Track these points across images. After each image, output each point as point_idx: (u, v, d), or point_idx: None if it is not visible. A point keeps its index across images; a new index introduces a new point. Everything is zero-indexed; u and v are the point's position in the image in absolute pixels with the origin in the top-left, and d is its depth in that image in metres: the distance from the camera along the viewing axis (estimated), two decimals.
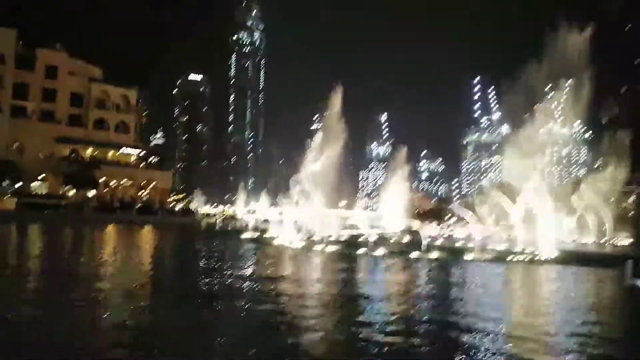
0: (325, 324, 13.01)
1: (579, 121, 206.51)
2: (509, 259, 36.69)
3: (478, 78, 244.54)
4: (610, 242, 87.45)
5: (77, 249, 34.03)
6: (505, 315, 15.93)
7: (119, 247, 36.95)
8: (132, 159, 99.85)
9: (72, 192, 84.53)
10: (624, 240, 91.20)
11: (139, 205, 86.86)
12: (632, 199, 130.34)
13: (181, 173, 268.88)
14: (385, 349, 10.44)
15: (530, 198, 48.91)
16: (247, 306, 14.72)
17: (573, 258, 38.44)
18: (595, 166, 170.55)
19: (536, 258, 37.62)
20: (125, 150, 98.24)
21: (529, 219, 51.26)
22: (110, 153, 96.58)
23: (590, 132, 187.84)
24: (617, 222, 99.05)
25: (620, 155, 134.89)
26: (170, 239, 51.13)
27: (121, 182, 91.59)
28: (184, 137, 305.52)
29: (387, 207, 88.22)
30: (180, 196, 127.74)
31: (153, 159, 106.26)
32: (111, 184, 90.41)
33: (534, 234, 44.71)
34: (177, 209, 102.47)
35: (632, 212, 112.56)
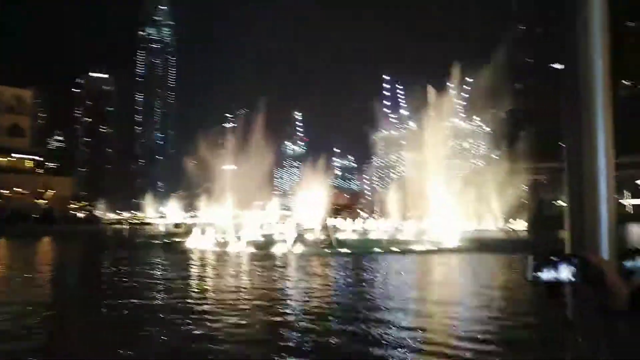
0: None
1: (478, 116, 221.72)
2: (416, 249, 38.61)
3: (388, 76, 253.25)
4: (508, 228, 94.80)
5: None
6: (405, 305, 16.74)
7: (9, 264, 33.74)
8: (28, 164, 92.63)
9: None
10: (520, 226, 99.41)
11: (37, 214, 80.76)
12: (525, 188, 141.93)
13: (84, 178, 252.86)
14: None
15: (432, 190, 51.70)
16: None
17: (475, 246, 41.24)
18: (494, 157, 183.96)
19: (441, 247, 39.95)
20: (19, 155, 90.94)
21: (433, 210, 54.28)
22: (2, 159, 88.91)
23: (488, 126, 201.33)
24: (513, 208, 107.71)
25: (516, 147, 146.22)
26: (70, 252, 47.50)
27: (15, 191, 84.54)
28: (86, 140, 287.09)
29: (303, 204, 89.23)
30: (83, 203, 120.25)
31: (52, 164, 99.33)
32: (4, 192, 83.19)
33: (439, 224, 47.34)
34: (80, 217, 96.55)
35: (527, 201, 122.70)
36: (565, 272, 1.66)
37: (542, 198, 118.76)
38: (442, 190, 60.09)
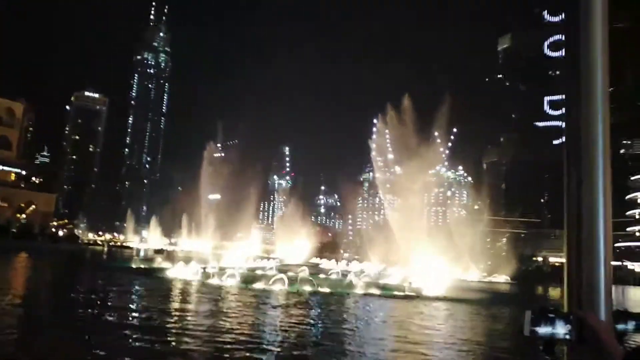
0: None
1: (461, 166, 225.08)
2: (397, 294, 38.74)
3: (375, 120, 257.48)
4: (489, 279, 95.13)
5: None
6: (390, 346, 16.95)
7: None
8: (12, 177, 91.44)
9: None
10: (501, 277, 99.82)
11: (16, 229, 79.25)
12: (504, 240, 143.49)
13: (67, 196, 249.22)
14: None
15: (415, 237, 52.18)
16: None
17: (457, 295, 41.46)
18: (475, 207, 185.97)
19: (423, 294, 40.12)
20: (5, 167, 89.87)
21: (415, 256, 54.64)
22: None
23: (471, 176, 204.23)
24: (494, 260, 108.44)
25: (497, 199, 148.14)
26: (45, 270, 46.70)
27: None
28: (73, 157, 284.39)
29: (285, 239, 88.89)
30: (65, 221, 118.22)
31: (36, 179, 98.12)
32: None
33: (422, 271, 47.58)
34: (60, 234, 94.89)
35: (507, 254, 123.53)
36: (561, 329, 1.94)
37: (522, 252, 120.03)
38: (425, 237, 60.78)
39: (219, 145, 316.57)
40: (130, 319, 19.73)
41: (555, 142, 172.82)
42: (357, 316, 26.56)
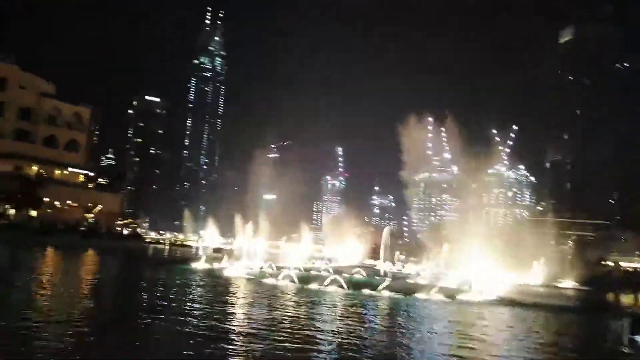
0: None
1: (523, 165, 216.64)
2: (459, 297, 37.33)
3: (431, 118, 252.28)
4: (555, 284, 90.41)
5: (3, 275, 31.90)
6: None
7: (54, 274, 34.91)
8: (81, 178, 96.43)
9: (12, 211, 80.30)
10: (567, 282, 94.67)
11: (85, 228, 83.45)
12: (570, 243, 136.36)
13: (131, 196, 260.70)
14: None
15: (474, 238, 50.27)
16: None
17: (523, 299, 39.49)
18: (538, 208, 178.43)
19: (487, 298, 38.46)
20: (74, 169, 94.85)
21: (474, 258, 52.70)
22: (58, 172, 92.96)
23: (534, 176, 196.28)
24: (559, 264, 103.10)
25: (562, 200, 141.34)
26: (111, 266, 48.79)
27: (67, 203, 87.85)
28: (136, 159, 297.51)
29: (338, 240, 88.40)
30: (128, 220, 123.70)
31: (102, 180, 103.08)
32: (56, 204, 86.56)
33: (482, 274, 45.79)
34: (124, 233, 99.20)
35: (573, 258, 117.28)
36: None
37: (590, 256, 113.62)
38: (484, 239, 58.54)
39: (273, 146, 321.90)
40: (196, 320, 19.95)
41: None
42: (447, 324, 25.58)
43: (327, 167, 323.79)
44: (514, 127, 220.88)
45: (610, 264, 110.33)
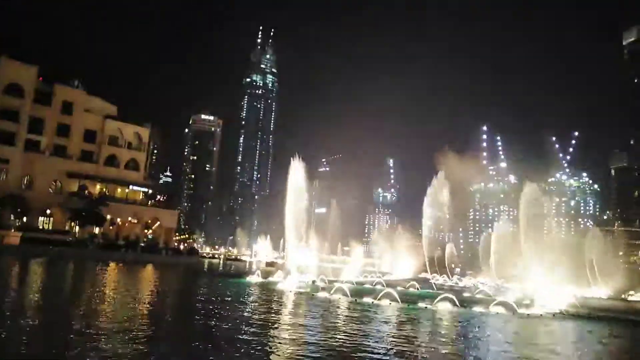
0: None
1: (586, 173, 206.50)
2: (521, 311, 35.67)
3: (485, 127, 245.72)
4: (625, 297, 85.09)
5: (72, 287, 33.49)
6: None
7: (118, 287, 36.29)
8: (140, 196, 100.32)
9: (77, 229, 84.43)
10: (637, 296, 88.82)
11: (144, 243, 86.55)
12: None
13: (187, 212, 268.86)
14: None
15: (534, 250, 48.08)
16: None
17: (589, 313, 37.35)
18: (604, 217, 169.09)
19: (550, 311, 36.58)
20: (134, 187, 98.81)
21: (535, 271, 50.26)
22: (119, 190, 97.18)
23: (599, 183, 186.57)
24: (628, 276, 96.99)
25: (629, 207, 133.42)
26: (172, 280, 50.24)
27: (127, 220, 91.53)
28: (191, 176, 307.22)
29: (393, 254, 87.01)
30: (185, 236, 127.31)
31: (160, 197, 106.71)
32: (117, 221, 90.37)
33: (543, 286, 43.64)
34: (181, 248, 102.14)
35: None
36: None
37: None
38: (546, 250, 55.82)
39: (324, 160, 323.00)
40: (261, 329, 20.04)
41: None
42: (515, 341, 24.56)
43: (378, 180, 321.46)
44: (575, 133, 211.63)
45: None
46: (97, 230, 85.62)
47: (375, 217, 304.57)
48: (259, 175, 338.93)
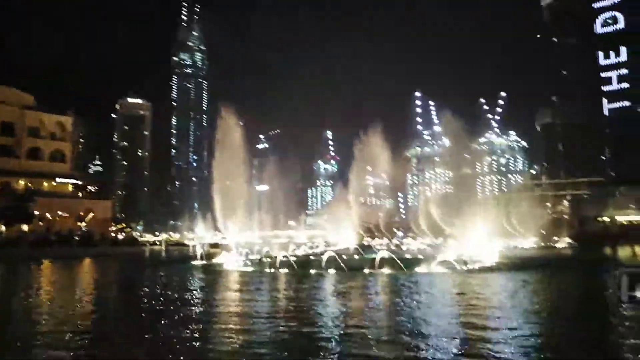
0: None
1: (514, 131, 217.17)
2: (459, 268, 37.33)
3: (419, 92, 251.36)
4: (550, 245, 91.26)
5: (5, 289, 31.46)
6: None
7: (55, 285, 34.42)
8: (70, 188, 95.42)
9: (3, 227, 79.38)
10: (563, 242, 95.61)
11: (78, 237, 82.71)
12: (565, 203, 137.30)
13: (122, 201, 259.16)
14: None
15: (469, 208, 50.22)
16: None
17: (518, 264, 39.73)
18: (533, 172, 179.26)
19: (482, 265, 38.57)
20: (62, 180, 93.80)
21: (470, 228, 52.66)
22: (45, 184, 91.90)
23: (527, 140, 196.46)
24: (556, 224, 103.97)
25: (555, 161, 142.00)
26: (111, 272, 48.23)
27: (58, 214, 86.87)
28: (123, 163, 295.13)
29: (336, 224, 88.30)
30: (122, 225, 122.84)
31: (91, 188, 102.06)
32: (47, 216, 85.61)
33: (477, 242, 45.83)
34: (119, 238, 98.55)
35: (568, 218, 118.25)
36: None
37: (586, 214, 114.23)
38: (479, 208, 58.47)
39: (262, 136, 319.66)
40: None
41: (609, 88, 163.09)
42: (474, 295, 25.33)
43: (317, 153, 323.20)
44: (503, 93, 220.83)
45: (606, 219, 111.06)
46: (26, 227, 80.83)
47: (317, 190, 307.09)
48: (195, 157, 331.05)
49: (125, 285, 33.72)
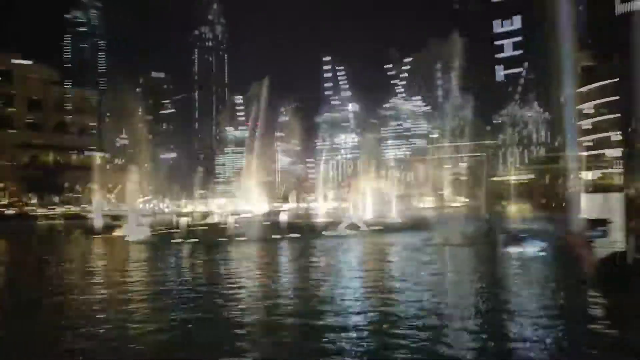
0: None
1: (419, 96, 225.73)
2: (362, 229, 38.79)
3: (328, 57, 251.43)
4: (450, 205, 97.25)
5: None
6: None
7: None
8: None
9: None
10: (459, 201, 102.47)
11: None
12: (464, 165, 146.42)
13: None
14: None
15: (372, 172, 52.04)
16: None
17: (418, 223, 42.12)
18: (435, 136, 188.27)
19: (387, 225, 40.44)
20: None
21: (375, 191, 54.80)
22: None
23: (430, 106, 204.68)
24: (454, 186, 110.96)
25: (456, 126, 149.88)
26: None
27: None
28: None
29: (247, 191, 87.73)
30: (13, 199, 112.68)
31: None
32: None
33: (381, 204, 47.88)
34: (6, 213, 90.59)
35: (466, 178, 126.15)
36: (531, 248, 1.78)
37: (482, 175, 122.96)
38: (383, 172, 60.97)
39: (167, 101, 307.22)
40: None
41: (501, 56, 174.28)
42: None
43: (226, 118, 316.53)
44: (408, 58, 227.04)
45: (499, 179, 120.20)
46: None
47: (226, 157, 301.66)
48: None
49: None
